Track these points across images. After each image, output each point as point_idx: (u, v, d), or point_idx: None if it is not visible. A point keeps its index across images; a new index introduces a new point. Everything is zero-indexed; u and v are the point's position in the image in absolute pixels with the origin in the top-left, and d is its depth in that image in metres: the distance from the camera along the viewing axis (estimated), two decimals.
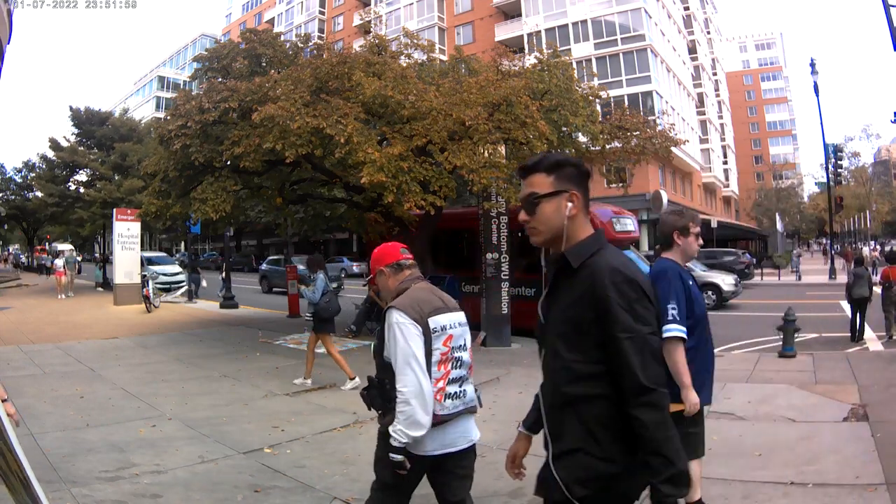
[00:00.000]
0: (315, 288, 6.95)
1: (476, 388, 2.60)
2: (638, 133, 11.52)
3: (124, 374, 7.66)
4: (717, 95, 55.46)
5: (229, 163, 9.76)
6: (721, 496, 3.68)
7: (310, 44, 13.01)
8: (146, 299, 15.30)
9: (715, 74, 55.67)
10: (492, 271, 9.82)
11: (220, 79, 11.96)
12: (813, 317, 12.24)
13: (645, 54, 33.63)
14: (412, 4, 43.17)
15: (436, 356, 2.42)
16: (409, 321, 2.37)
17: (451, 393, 2.44)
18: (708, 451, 4.48)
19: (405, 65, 11.09)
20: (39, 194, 29.13)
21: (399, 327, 2.36)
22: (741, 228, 46.52)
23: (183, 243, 48.43)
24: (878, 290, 10.12)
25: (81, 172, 27.23)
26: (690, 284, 2.97)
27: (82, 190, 26.31)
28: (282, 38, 13.76)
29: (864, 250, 24.73)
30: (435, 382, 2.40)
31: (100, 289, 22.57)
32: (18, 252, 54.14)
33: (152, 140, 19.35)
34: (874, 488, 3.63)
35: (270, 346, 9.80)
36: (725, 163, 55.50)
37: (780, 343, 8.23)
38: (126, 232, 17.49)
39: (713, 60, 55.38)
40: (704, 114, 47.87)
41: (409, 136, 8.72)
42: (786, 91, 78.44)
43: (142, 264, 18.43)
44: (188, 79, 25.01)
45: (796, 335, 8.29)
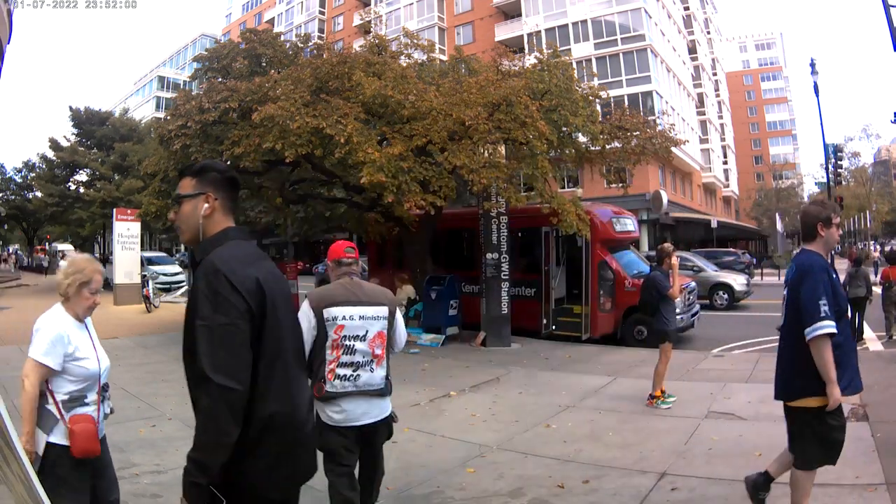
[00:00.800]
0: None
1: (386, 377, 3.00)
2: (638, 133, 11.51)
3: (124, 374, 7.65)
4: (717, 95, 55.44)
5: (229, 163, 9.75)
6: (721, 496, 3.68)
7: (310, 44, 13.03)
8: (146, 299, 15.31)
9: (715, 74, 55.65)
10: (492, 271, 9.82)
11: (220, 79, 11.98)
12: None
13: (645, 54, 33.61)
14: (412, 4, 43.15)
15: (329, 341, 2.86)
16: (307, 308, 2.89)
17: (341, 375, 2.86)
18: (708, 451, 4.51)
19: (405, 65, 11.09)
20: (39, 194, 29.17)
21: (302, 313, 2.84)
22: (741, 228, 46.52)
23: (183, 243, 48.36)
24: (879, 290, 10.12)
25: (81, 172, 27.27)
26: (834, 278, 2.99)
27: (82, 190, 26.35)
28: (282, 38, 13.78)
29: (875, 252, 24.64)
30: (327, 364, 2.85)
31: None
32: (19, 252, 54.11)
33: (152, 140, 19.36)
34: (874, 488, 3.63)
35: None
36: (725, 163, 55.48)
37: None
38: (126, 232, 17.49)
39: (713, 60, 55.37)
40: (704, 114, 47.85)
41: (409, 136, 8.72)
42: (786, 91, 78.41)
43: (142, 264, 18.42)
44: (188, 79, 25.02)
45: None
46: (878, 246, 44.60)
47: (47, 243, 46.49)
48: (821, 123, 55.77)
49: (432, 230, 10.98)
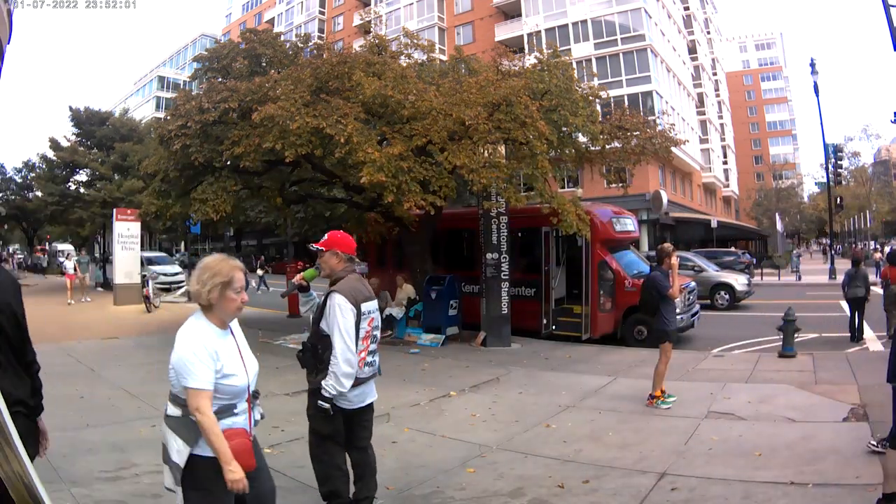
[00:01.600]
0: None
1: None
2: (638, 133, 11.52)
3: (124, 374, 7.66)
4: (717, 95, 55.44)
5: (229, 163, 9.77)
6: (721, 496, 3.68)
7: (310, 44, 13.02)
8: (146, 299, 15.30)
9: (715, 74, 55.65)
10: (492, 271, 9.82)
11: (220, 79, 11.96)
12: (813, 317, 12.24)
13: (645, 54, 33.62)
14: (412, 4, 43.15)
15: (361, 333, 3.18)
16: (348, 304, 3.10)
17: (369, 361, 3.26)
18: (708, 451, 4.50)
19: (405, 65, 11.09)
20: (39, 194, 29.12)
21: (339, 308, 3.09)
22: (741, 228, 46.53)
23: (183, 243, 48.43)
24: (880, 290, 10.13)
25: (81, 172, 27.22)
26: None
27: (82, 190, 26.31)
28: (282, 38, 13.76)
29: (876, 253, 24.66)
30: (359, 353, 3.14)
31: (100, 289, 22.57)
32: (19, 252, 54.08)
33: (152, 140, 19.34)
34: (874, 488, 3.63)
35: (270, 346, 9.79)
36: (725, 163, 55.48)
37: (780, 343, 8.24)
38: (126, 232, 17.48)
39: (713, 60, 55.36)
40: (704, 114, 47.85)
41: (409, 136, 8.72)
42: (786, 91, 78.42)
43: (142, 264, 18.42)
44: (188, 79, 25.01)
45: (796, 335, 8.29)
46: (879, 246, 44.55)
47: (47, 243, 46.51)
48: (821, 123, 55.96)
49: (432, 230, 10.97)
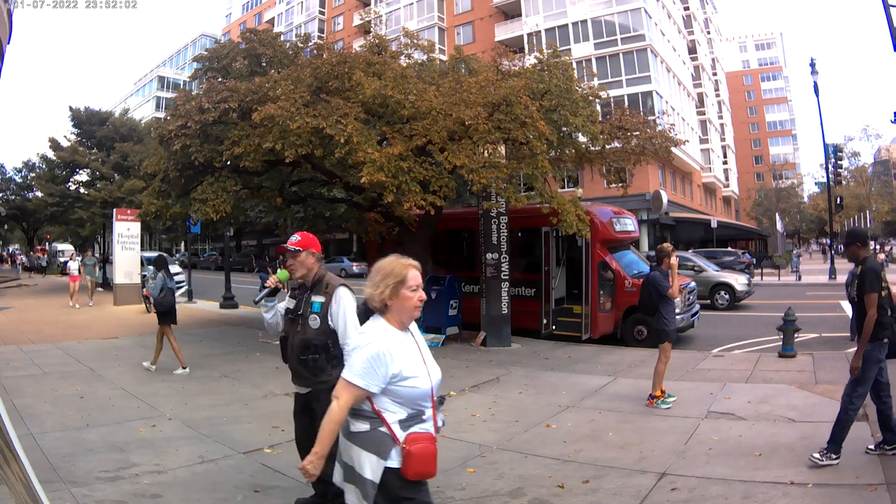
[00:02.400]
0: (154, 285, 8.17)
1: None
2: (638, 133, 11.50)
3: (124, 374, 7.67)
4: (717, 95, 55.45)
5: (229, 163, 9.76)
6: (721, 496, 3.68)
7: (310, 44, 13.00)
8: (146, 299, 15.28)
9: (715, 74, 55.65)
10: (492, 271, 9.82)
11: (220, 79, 11.97)
12: (813, 317, 12.24)
13: (645, 54, 33.62)
14: (412, 4, 43.15)
15: None
16: (354, 296, 3.20)
17: None
18: (707, 451, 4.51)
19: (405, 65, 11.08)
20: (39, 194, 29.11)
21: (348, 301, 3.20)
22: (741, 228, 46.54)
23: (183, 243, 48.42)
24: None
25: (82, 172, 27.20)
26: None
27: (82, 190, 26.29)
28: (282, 38, 13.77)
29: (880, 255, 24.74)
30: None
31: (100, 289, 22.56)
32: (18, 252, 54.04)
33: (152, 140, 19.34)
34: (874, 488, 3.63)
35: (270, 347, 9.78)
36: (725, 163, 55.48)
37: (780, 343, 8.24)
38: (126, 232, 17.49)
39: (713, 60, 55.36)
40: (704, 114, 47.85)
41: (409, 136, 8.72)
42: (786, 91, 78.41)
43: (142, 264, 18.42)
44: (188, 79, 24.99)
45: (796, 335, 8.29)
46: (879, 246, 44.46)
47: (47, 243, 46.53)
48: (821, 123, 55.99)
49: (432, 230, 10.97)
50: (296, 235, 3.41)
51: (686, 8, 46.07)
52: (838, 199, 32.88)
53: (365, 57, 10.10)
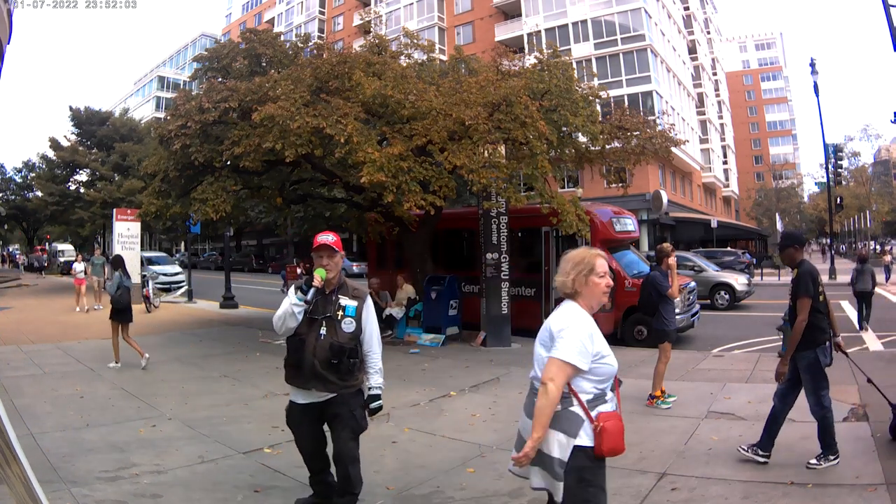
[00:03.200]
0: (112, 283, 8.46)
1: None
2: (638, 133, 11.50)
3: (124, 374, 7.67)
4: (717, 95, 55.45)
5: (229, 163, 9.75)
6: (721, 496, 3.68)
7: (310, 44, 13.01)
8: (146, 299, 15.30)
9: (715, 74, 55.65)
10: (492, 271, 9.81)
11: (220, 79, 11.97)
12: None
13: (645, 54, 33.62)
14: (412, 4, 43.16)
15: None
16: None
17: None
18: (707, 451, 4.50)
19: (405, 65, 11.09)
20: (39, 194, 29.16)
21: (373, 308, 3.38)
22: (741, 228, 46.53)
23: (183, 243, 48.43)
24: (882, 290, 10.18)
25: (81, 172, 27.26)
26: None
27: (82, 190, 26.33)
28: (282, 38, 13.77)
29: (886, 256, 24.87)
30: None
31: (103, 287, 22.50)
32: (18, 252, 54.00)
33: (152, 140, 19.35)
34: (874, 488, 3.63)
35: (270, 346, 9.79)
36: (725, 163, 55.49)
37: (780, 343, 8.22)
38: (126, 232, 17.51)
39: (713, 60, 55.36)
40: (704, 114, 47.85)
41: (409, 136, 8.72)
42: (786, 91, 78.42)
43: (142, 264, 18.44)
44: (188, 79, 25.00)
45: None
46: (879, 247, 44.53)
47: (47, 243, 46.55)
48: (821, 123, 56.01)
49: (432, 230, 10.97)
50: (330, 235, 3.31)
51: (686, 8, 46.07)
52: (838, 200, 32.87)
53: (365, 57, 10.11)
